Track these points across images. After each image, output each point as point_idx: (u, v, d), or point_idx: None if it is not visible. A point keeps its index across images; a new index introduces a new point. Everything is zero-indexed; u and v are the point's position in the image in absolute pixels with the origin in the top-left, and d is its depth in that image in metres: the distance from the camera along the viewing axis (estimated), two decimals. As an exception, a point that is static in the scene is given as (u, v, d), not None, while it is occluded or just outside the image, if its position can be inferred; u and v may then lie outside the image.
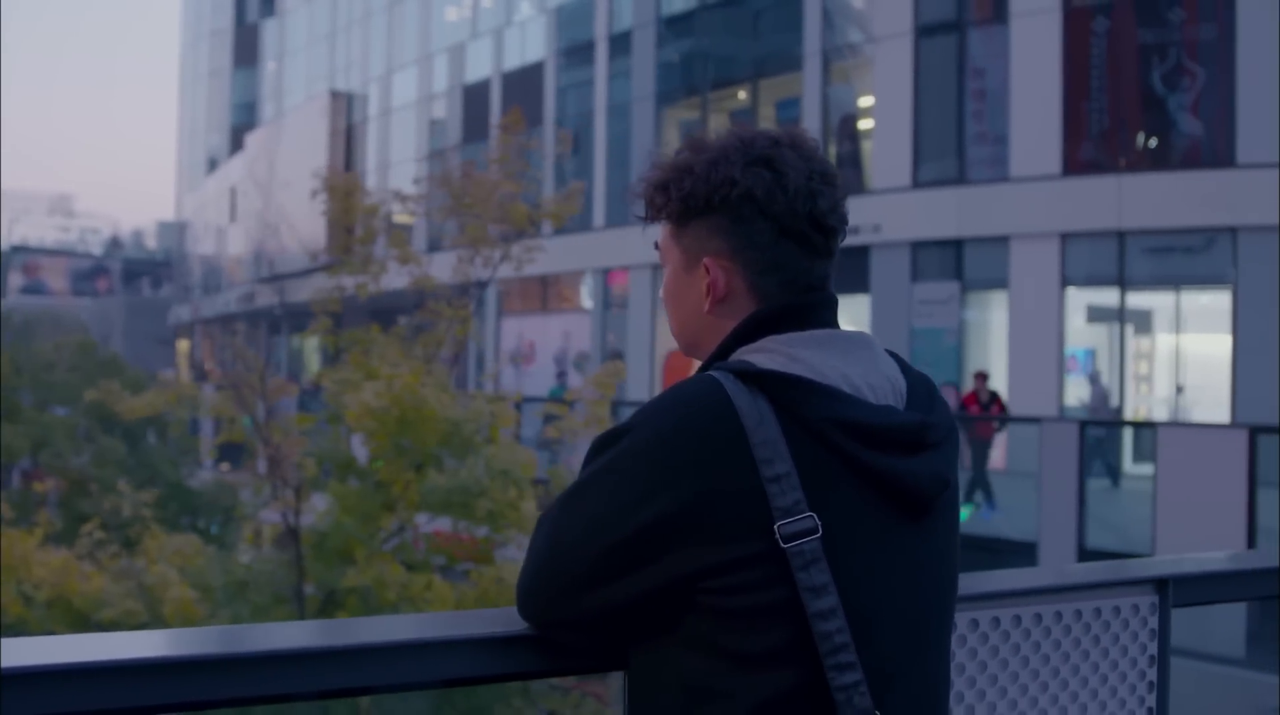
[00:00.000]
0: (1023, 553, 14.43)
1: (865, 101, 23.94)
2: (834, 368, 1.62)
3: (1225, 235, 18.78)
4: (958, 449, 1.71)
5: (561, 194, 13.93)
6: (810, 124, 24.17)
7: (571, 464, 12.49)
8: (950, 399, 19.20)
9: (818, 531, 1.53)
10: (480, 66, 33.64)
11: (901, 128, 22.11)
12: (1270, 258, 18.27)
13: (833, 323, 1.72)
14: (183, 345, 59.65)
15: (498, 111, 32.10)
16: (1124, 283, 19.86)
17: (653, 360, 26.57)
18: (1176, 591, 2.26)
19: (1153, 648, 2.24)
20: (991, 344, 21.34)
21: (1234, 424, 17.30)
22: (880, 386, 1.65)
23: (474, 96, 33.50)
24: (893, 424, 1.61)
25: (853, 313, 23.82)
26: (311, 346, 39.19)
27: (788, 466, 1.54)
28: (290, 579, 11.07)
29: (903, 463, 1.61)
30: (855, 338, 1.68)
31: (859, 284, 22.75)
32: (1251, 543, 11.02)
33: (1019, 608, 2.12)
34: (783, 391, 1.57)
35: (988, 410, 18.20)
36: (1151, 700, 2.25)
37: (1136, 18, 19.96)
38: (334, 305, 12.67)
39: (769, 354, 1.64)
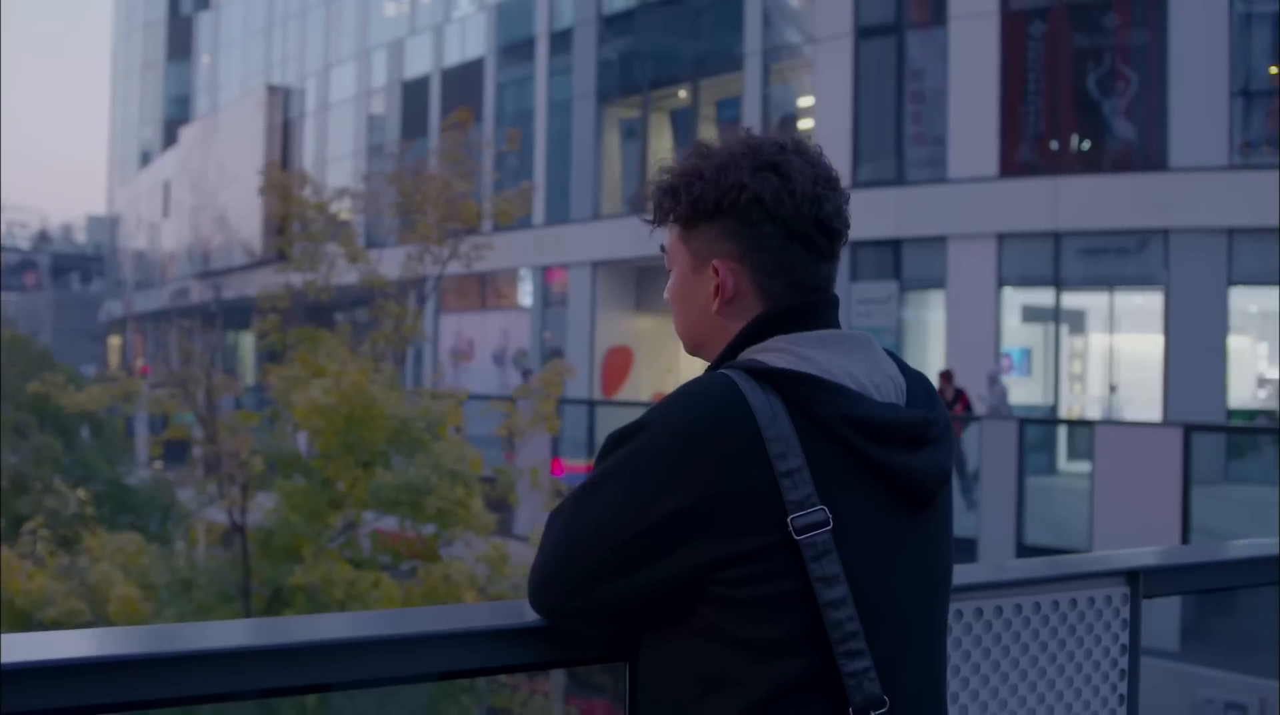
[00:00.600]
0: (962, 549, 14.63)
1: (805, 102, 24.11)
2: (840, 366, 1.68)
3: (1157, 237, 19.13)
4: (955, 443, 1.78)
5: (512, 192, 13.94)
6: (750, 124, 24.21)
7: (518, 462, 12.49)
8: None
9: (829, 524, 1.59)
10: (420, 63, 33.51)
11: (841, 128, 22.28)
12: (1201, 259, 18.64)
13: (835, 323, 1.78)
14: (114, 341, 58.88)
15: (437, 108, 31.99)
16: (1059, 283, 20.16)
17: (592, 358, 26.61)
18: (1147, 583, 2.34)
19: (1124, 637, 2.33)
20: (929, 343, 21.59)
21: (1166, 422, 17.64)
22: (883, 384, 1.71)
23: (413, 93, 33.37)
24: (898, 420, 1.67)
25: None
26: (248, 344, 38.88)
27: (800, 461, 1.59)
28: (235, 577, 11.00)
29: (908, 457, 1.67)
30: (858, 337, 1.74)
31: (799, 283, 22.89)
32: (1186, 539, 11.25)
33: (1000, 599, 2.19)
34: (794, 389, 1.63)
35: (952, 409, 18.48)
36: (1123, 688, 2.33)
37: (1072, 23, 20.26)
38: (282, 302, 12.58)
39: (778, 353, 1.69)
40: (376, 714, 10.00)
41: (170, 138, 49.62)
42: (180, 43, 50.17)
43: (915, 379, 1.78)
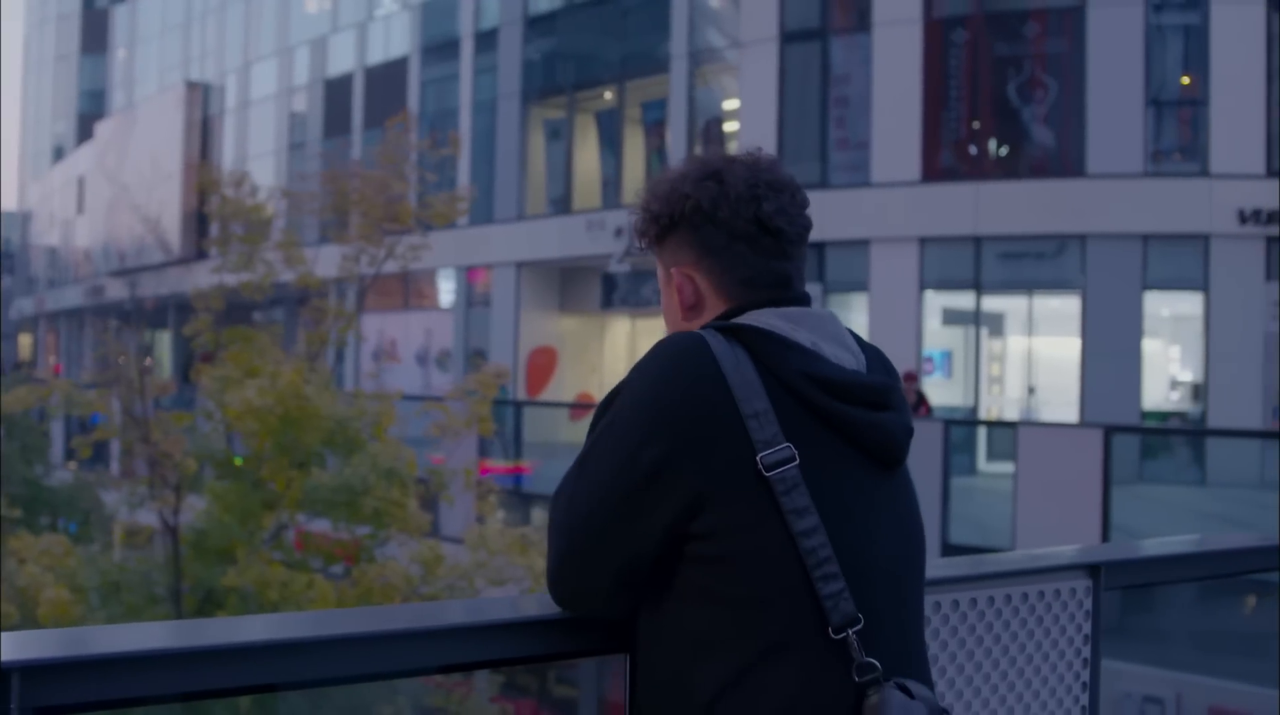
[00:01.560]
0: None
1: (730, 105, 24.30)
2: (804, 337, 1.79)
3: (1075, 242, 19.55)
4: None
5: (449, 194, 13.93)
6: (676, 126, 24.47)
7: (453, 463, 12.47)
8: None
9: (795, 460, 1.69)
10: (343, 60, 33.27)
11: (765, 132, 22.47)
12: (1117, 264, 19.08)
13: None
14: (24, 339, 57.76)
15: (361, 106, 31.79)
16: (979, 287, 20.51)
17: (516, 358, 26.58)
18: (1107, 576, 2.47)
19: (1087, 627, 2.45)
20: (852, 345, 21.83)
21: (1083, 424, 18.03)
22: (842, 356, 1.81)
23: (336, 91, 33.12)
24: (859, 382, 1.78)
25: (716, 313, 24.13)
26: (166, 343, 38.34)
27: (765, 405, 1.70)
28: (166, 579, 10.90)
29: (872, 416, 1.78)
30: (821, 314, 1.85)
31: (723, 285, 23.04)
32: (1105, 538, 11.53)
33: (974, 591, 2.30)
34: (757, 343, 1.75)
35: (916, 412, 18.63)
36: (1085, 674, 2.46)
37: (992, 31, 20.64)
38: (216, 302, 12.47)
39: (748, 319, 1.80)
40: (311, 714, 9.97)
41: (85, 132, 48.80)
42: (95, 36, 49.33)
43: (873, 353, 1.88)
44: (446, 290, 30.03)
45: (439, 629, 1.86)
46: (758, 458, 1.68)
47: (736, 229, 1.86)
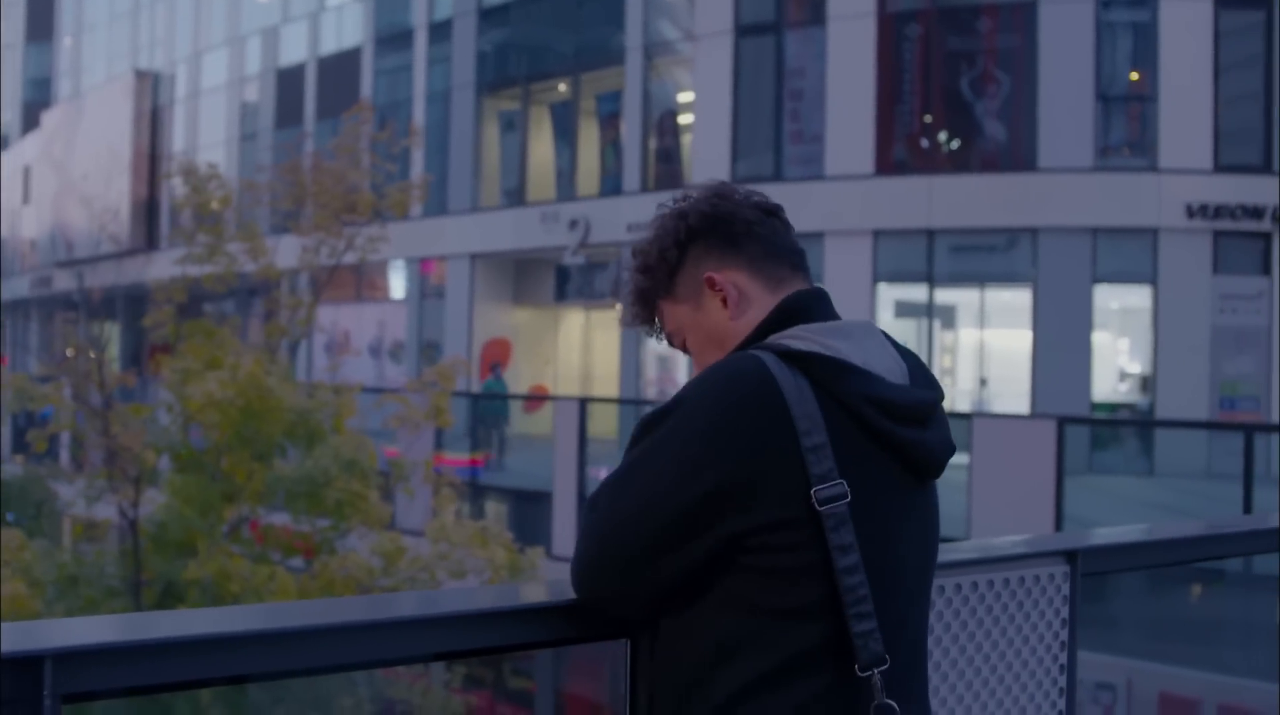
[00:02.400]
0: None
1: (685, 97, 24.36)
2: (857, 353, 1.84)
3: (1026, 235, 19.78)
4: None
5: (408, 184, 13.90)
6: (631, 118, 24.52)
7: (413, 454, 12.46)
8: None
9: (847, 497, 1.74)
10: (295, 50, 33.05)
11: (720, 124, 22.59)
12: (1067, 257, 19.32)
13: (836, 314, 1.95)
14: (-31, 331, 57.00)
15: (313, 96, 31.61)
16: (931, 279, 20.70)
17: (470, 350, 26.54)
18: (1084, 561, 2.55)
19: (1065, 612, 2.53)
20: (806, 337, 21.96)
21: (1034, 415, 18.25)
22: (892, 368, 1.88)
23: (288, 81, 32.90)
24: (912, 401, 1.85)
25: (671, 305, 24.19)
26: (113, 334, 37.95)
27: (823, 437, 1.74)
28: (124, 572, 10.84)
29: (920, 434, 1.85)
30: (867, 327, 1.91)
31: (678, 277, 23.10)
32: (1059, 527, 11.70)
33: (956, 577, 2.37)
34: (820, 371, 1.79)
35: None
36: (1064, 657, 2.53)
37: (945, 26, 20.82)
38: (178, 294, 12.39)
39: (802, 340, 1.84)
40: (272, 707, 9.96)
41: (30, 121, 48.19)
42: (41, 23, 48.67)
43: (913, 361, 1.95)
44: (399, 282, 29.93)
45: (442, 616, 1.90)
46: (812, 491, 1.73)
47: (746, 214, 1.95)
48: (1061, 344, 19.13)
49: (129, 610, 10.37)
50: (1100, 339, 19.97)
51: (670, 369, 24.41)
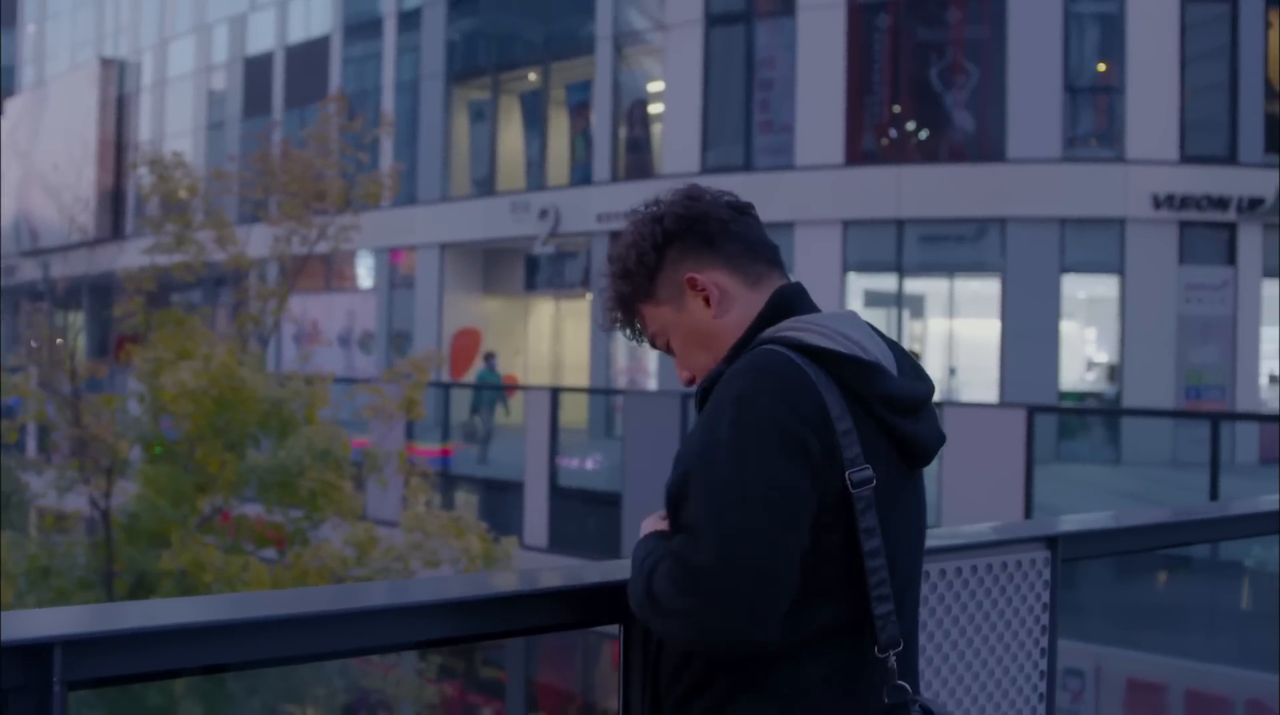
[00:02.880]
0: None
1: (655, 87, 24.36)
2: (864, 345, 1.89)
3: (995, 225, 19.89)
4: None
5: (381, 173, 13.87)
6: (601, 108, 24.51)
7: (383, 445, 12.43)
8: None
9: (873, 481, 1.80)
10: (263, 39, 32.85)
11: (690, 114, 22.61)
12: (1036, 248, 19.45)
13: (816, 306, 1.99)
14: (-69, 321, 56.37)
15: (282, 85, 31.44)
16: (901, 269, 20.79)
17: (440, 340, 26.50)
18: (1065, 547, 2.60)
19: (1046, 596, 2.58)
20: (776, 326, 22.02)
21: (1003, 404, 18.38)
22: (888, 358, 1.93)
23: (256, 69, 32.72)
24: (912, 394, 1.91)
25: (641, 295, 24.23)
26: (77, 325, 37.68)
27: (850, 424, 1.80)
28: (96, 564, 10.80)
29: (916, 426, 1.91)
30: (855, 318, 1.96)
31: (648, 267, 23.13)
32: (1029, 516, 11.81)
33: (940, 563, 2.42)
34: (837, 364, 1.83)
35: None
36: (1044, 641, 2.59)
37: (914, 16, 20.90)
38: (148, 283, 12.32)
39: (811, 332, 1.87)
40: (247, 696, 9.96)
41: (-7, 110, 47.67)
42: (4, 10, 48.17)
43: (898, 351, 1.99)
44: (369, 271, 29.84)
45: (450, 602, 1.94)
46: (847, 475, 1.78)
47: (720, 213, 2.00)
48: (1030, 333, 19.27)
49: (102, 602, 10.34)
50: (1068, 328, 20.12)
51: (640, 359, 24.44)
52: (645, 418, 16.21)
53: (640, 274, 1.99)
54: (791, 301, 1.94)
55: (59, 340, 12.87)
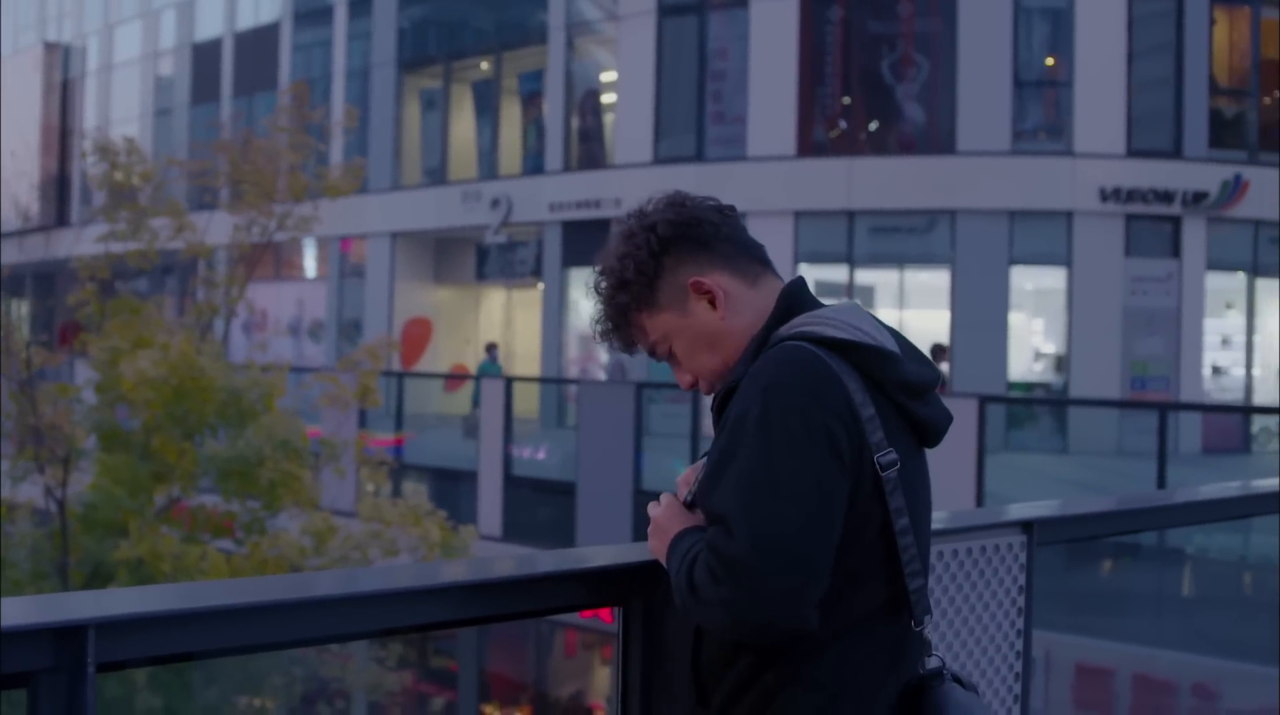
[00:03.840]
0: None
1: (608, 77, 24.39)
2: (868, 334, 1.96)
3: (944, 217, 20.09)
4: None
5: (343, 165, 13.85)
6: (553, 98, 24.51)
7: (339, 434, 12.41)
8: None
9: (898, 463, 1.87)
10: (211, 25, 32.53)
11: (643, 104, 22.65)
12: (985, 239, 19.66)
13: (818, 300, 2.05)
14: None
15: (230, 71, 31.17)
16: (851, 260, 20.95)
17: (391, 329, 26.41)
18: (1040, 532, 2.69)
19: (1022, 579, 2.67)
20: (727, 317, 22.11)
21: (952, 394, 18.58)
22: (890, 345, 1.99)
23: (204, 55, 32.41)
24: (924, 379, 1.98)
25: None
26: (21, 313, 37.19)
27: (873, 410, 1.87)
28: (50, 554, 10.72)
29: (927, 409, 1.99)
30: (858, 308, 2.04)
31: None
32: (980, 504, 11.97)
33: (923, 547, 2.50)
34: (858, 355, 1.90)
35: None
36: (1020, 622, 2.68)
37: (866, 9, 21.05)
38: (103, 272, 12.23)
39: (825, 325, 1.93)
40: (205, 686, 9.94)
41: (-67, 94, 46.90)
42: (-56, -6, 47.40)
43: (899, 337, 2.06)
44: (319, 260, 29.68)
45: (460, 585, 1.99)
46: (875, 458, 1.85)
47: (708, 217, 2.05)
48: (979, 324, 19.49)
49: (59, 592, 10.27)
50: (1016, 319, 20.37)
51: (592, 349, 24.49)
52: (599, 407, 16.27)
53: (639, 283, 2.02)
54: (801, 298, 2.01)
55: (14, 329, 12.72)
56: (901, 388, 1.93)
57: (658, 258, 2.02)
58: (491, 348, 21.80)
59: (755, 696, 1.86)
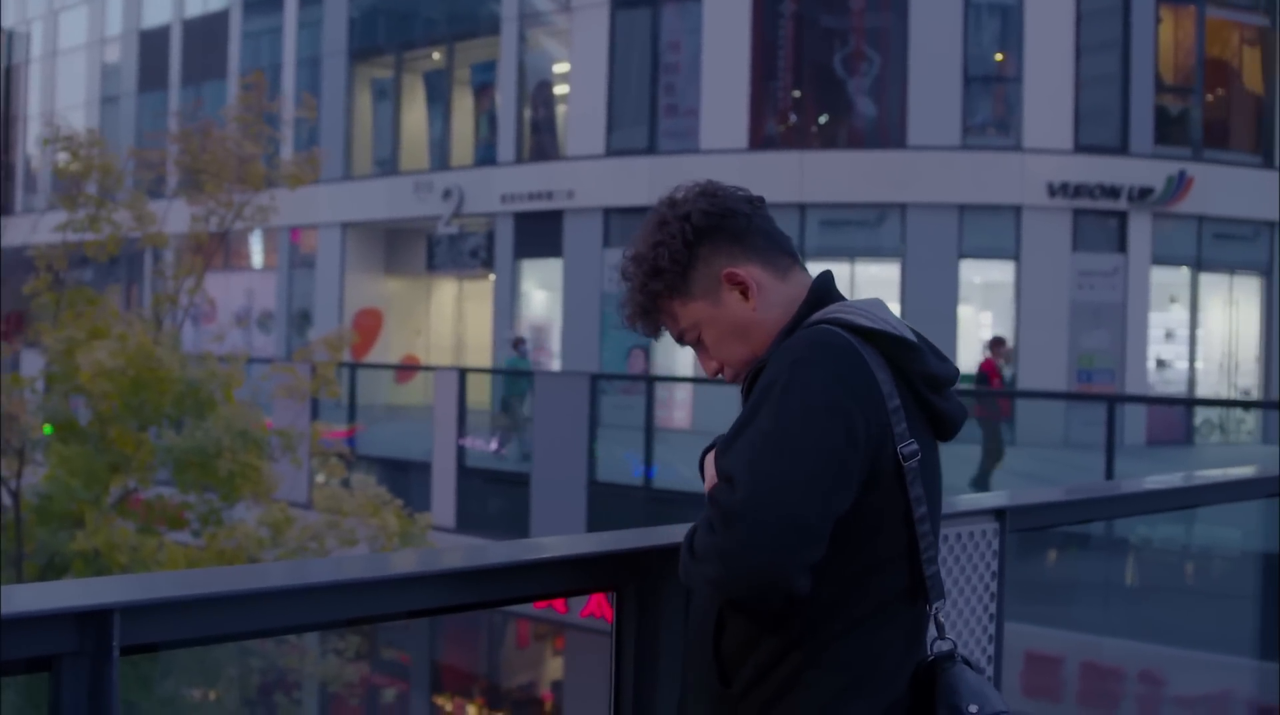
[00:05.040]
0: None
1: (561, 68, 24.39)
2: (895, 327, 2.00)
3: (895, 211, 20.27)
4: None
5: (302, 155, 13.80)
6: (506, 88, 24.47)
7: (275, 426, 12.31)
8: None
9: (919, 454, 1.94)
10: (159, 11, 32.19)
11: (596, 96, 22.68)
12: (934, 233, 19.87)
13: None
14: None
15: (178, 59, 30.88)
16: (802, 253, 20.87)
17: (341, 319, 26.29)
18: (1012, 519, 2.78)
19: (995, 565, 2.76)
20: (679, 309, 22.20)
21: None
22: (909, 334, 2.05)
23: (152, 43, 32.07)
24: (946, 375, 2.04)
25: (545, 276, 24.33)
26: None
27: (898, 401, 1.93)
28: (5, 545, 10.62)
29: (946, 404, 2.05)
30: (883, 304, 2.08)
31: (552, 248, 23.25)
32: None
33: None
34: (888, 346, 1.96)
35: (989, 383, 16.14)
36: (993, 608, 2.76)
37: (818, 3, 21.18)
38: (60, 262, 12.12)
39: (857, 315, 1.98)
40: (160, 679, 9.90)
41: None
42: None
43: (918, 335, 2.10)
44: (267, 250, 29.48)
45: (470, 569, 2.04)
46: (898, 448, 1.91)
47: (740, 208, 2.10)
48: (928, 317, 19.63)
49: (13, 583, 10.20)
50: (965, 312, 20.59)
51: (543, 340, 24.51)
52: (553, 398, 16.30)
53: (673, 272, 2.04)
54: (829, 291, 2.06)
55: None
56: (925, 381, 1.99)
57: (693, 247, 2.05)
58: (520, 342, 21.15)
59: (779, 679, 1.90)
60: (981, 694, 1.97)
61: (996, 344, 16.39)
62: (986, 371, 16.02)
